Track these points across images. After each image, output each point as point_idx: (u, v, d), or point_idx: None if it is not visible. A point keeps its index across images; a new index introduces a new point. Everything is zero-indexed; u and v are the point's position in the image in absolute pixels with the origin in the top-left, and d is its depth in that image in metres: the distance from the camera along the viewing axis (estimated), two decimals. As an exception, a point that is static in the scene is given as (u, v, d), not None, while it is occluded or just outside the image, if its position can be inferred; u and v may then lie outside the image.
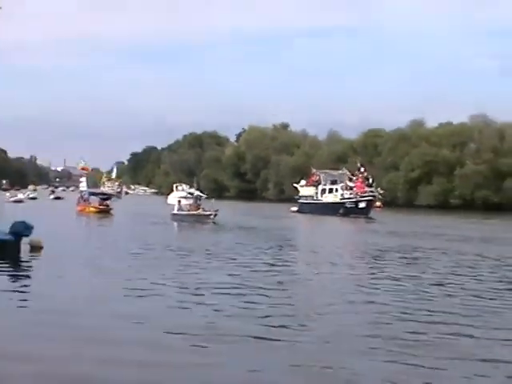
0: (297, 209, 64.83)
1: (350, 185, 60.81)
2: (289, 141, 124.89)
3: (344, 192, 60.55)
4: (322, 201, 62.75)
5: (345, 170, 65.87)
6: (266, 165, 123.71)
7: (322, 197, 63.35)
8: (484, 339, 10.40)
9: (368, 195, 58.97)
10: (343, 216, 55.30)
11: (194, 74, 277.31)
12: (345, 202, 58.93)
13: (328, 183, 63.99)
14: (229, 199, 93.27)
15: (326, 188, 63.35)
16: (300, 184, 69.61)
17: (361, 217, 54.22)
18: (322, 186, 63.99)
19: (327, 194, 62.90)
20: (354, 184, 60.46)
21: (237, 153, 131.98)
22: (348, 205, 58.21)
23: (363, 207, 57.52)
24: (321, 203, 62.33)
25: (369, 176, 62.13)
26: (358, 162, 63.61)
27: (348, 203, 58.48)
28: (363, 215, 55.31)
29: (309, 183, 67.51)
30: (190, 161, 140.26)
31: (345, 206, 58.09)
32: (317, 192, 64.30)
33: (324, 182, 64.54)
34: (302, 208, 63.58)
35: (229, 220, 42.78)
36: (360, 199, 58.25)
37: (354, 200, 58.44)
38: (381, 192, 63.22)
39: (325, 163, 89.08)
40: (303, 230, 43.46)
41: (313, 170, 69.43)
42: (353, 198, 58.86)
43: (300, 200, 66.87)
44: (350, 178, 62.24)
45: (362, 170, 61.70)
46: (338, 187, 61.71)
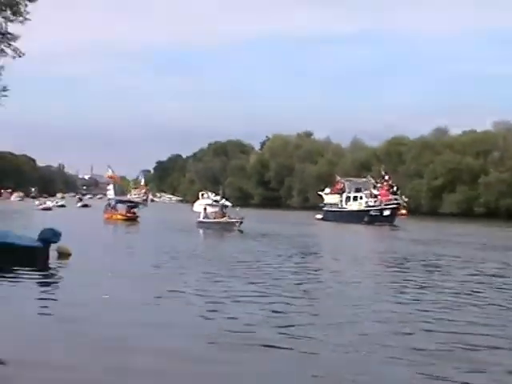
0: (321, 216, 65.01)
1: (375, 193, 60.89)
2: (312, 149, 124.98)
3: (368, 200, 60.65)
4: (347, 209, 62.90)
5: (369, 178, 65.85)
6: (290, 173, 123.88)
7: (347, 205, 63.49)
8: (508, 350, 10.35)
9: (393, 203, 59.01)
10: (368, 224, 55.38)
11: (219, 82, 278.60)
12: (369, 210, 59.07)
13: (352, 191, 64.12)
14: (253, 207, 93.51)
15: (351, 196, 63.50)
16: (324, 192, 69.77)
17: (385, 224, 54.27)
18: (347, 194, 64.13)
19: (352, 202, 63.03)
20: (379, 192, 60.50)
21: (261, 161, 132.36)
22: (373, 213, 58.35)
23: (388, 215, 57.61)
24: (345, 211, 62.46)
25: (393, 184, 62.27)
26: (382, 170, 63.63)
27: (373, 211, 58.63)
28: (388, 223, 55.38)
29: (333, 191, 67.62)
30: (215, 169, 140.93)
31: (369, 214, 58.23)
32: (341, 200, 64.47)
33: (348, 190, 64.66)
34: (327, 216, 63.76)
35: (254, 228, 43.05)
36: (385, 207, 58.33)
37: (379, 208, 58.55)
38: (405, 200, 63.29)
39: (348, 171, 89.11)
40: (328, 238, 43.56)
41: (337, 178, 69.57)
42: (377, 206, 58.95)
43: (325, 208, 67.05)
44: (375, 186, 62.30)
45: (387, 178, 61.78)
46: (363, 195, 61.81)
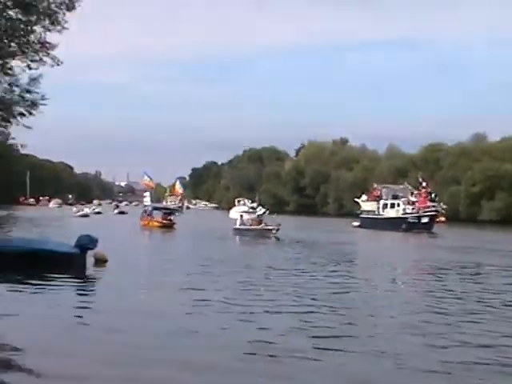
0: (358, 224, 64.45)
1: (413, 199, 60.26)
2: (348, 156, 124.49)
3: (406, 207, 60.05)
4: (384, 216, 62.39)
5: (406, 185, 65.23)
6: (326, 180, 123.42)
7: (384, 212, 62.93)
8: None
9: (431, 210, 58.31)
10: (405, 231, 54.73)
11: (254, 90, 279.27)
12: (407, 217, 58.45)
13: (390, 198, 63.52)
14: (288, 214, 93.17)
15: (388, 203, 62.92)
16: (361, 199, 69.31)
17: (423, 232, 53.58)
18: (384, 201, 63.57)
19: (389, 209, 62.43)
20: (417, 199, 59.86)
21: (296, 168, 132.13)
22: (410, 220, 57.71)
23: (426, 222, 56.92)
24: (383, 218, 61.93)
25: (431, 190, 61.57)
26: (420, 177, 62.93)
27: (410, 218, 58.00)
28: (426, 230, 54.67)
29: (370, 198, 67.13)
30: (250, 176, 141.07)
31: (407, 221, 57.59)
32: (378, 207, 63.96)
33: (386, 197, 64.09)
34: (364, 223, 63.18)
35: (291, 235, 42.83)
36: (423, 214, 57.66)
37: (417, 215, 57.91)
38: (444, 207, 62.50)
39: (384, 178, 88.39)
40: (364, 246, 43.15)
41: (374, 185, 69.05)
42: (415, 213, 58.33)
43: (362, 215, 66.55)
44: (412, 193, 61.68)
45: (425, 185, 61.08)
46: (400, 202, 61.20)
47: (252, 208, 51.92)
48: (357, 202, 70.66)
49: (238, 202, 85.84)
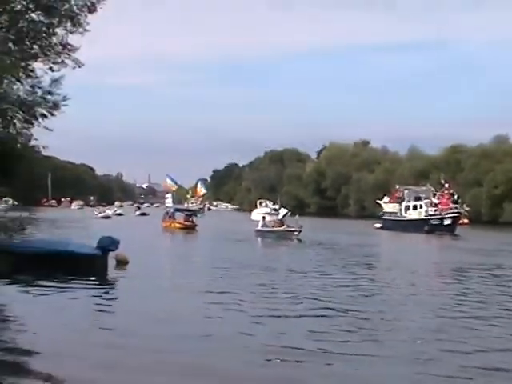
0: (380, 225, 64.09)
1: (435, 201, 59.76)
2: (369, 157, 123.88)
3: (429, 209, 59.56)
4: (406, 217, 61.91)
5: (429, 187, 64.68)
6: (347, 181, 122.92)
7: (406, 213, 62.48)
8: None
9: (453, 212, 57.82)
10: (428, 233, 54.27)
11: (274, 90, 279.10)
12: (430, 219, 57.96)
13: (412, 200, 63.01)
14: (309, 216, 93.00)
15: (410, 205, 62.44)
16: (383, 200, 68.94)
17: (446, 234, 53.10)
18: (406, 203, 63.12)
19: (411, 211, 61.96)
20: (439, 200, 59.38)
21: (317, 169, 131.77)
22: (433, 222, 57.20)
23: (449, 224, 56.33)
24: (405, 220, 61.47)
25: (454, 192, 61.04)
26: (442, 179, 62.39)
27: (433, 220, 57.51)
28: (449, 232, 54.14)
29: (392, 200, 66.74)
30: (271, 177, 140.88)
31: (430, 223, 57.08)
32: (401, 208, 63.56)
33: (408, 199, 63.62)
34: (386, 225, 62.75)
35: (313, 236, 42.64)
36: (445, 216, 57.14)
37: (439, 217, 57.38)
38: (466, 209, 61.95)
39: (406, 179, 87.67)
40: (387, 247, 42.97)
41: (396, 187, 68.63)
42: (438, 215, 57.82)
43: (384, 216, 66.15)
44: (435, 194, 61.17)
45: (447, 186, 60.59)
46: (423, 204, 60.69)
47: (274, 210, 51.89)
48: (379, 204, 70.30)
49: (260, 204, 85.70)
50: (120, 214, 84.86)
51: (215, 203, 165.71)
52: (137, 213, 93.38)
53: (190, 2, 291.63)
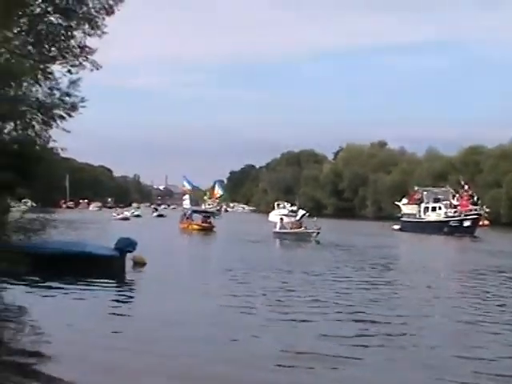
0: (399, 227, 63.72)
1: (455, 203, 59.35)
2: (387, 158, 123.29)
3: (448, 210, 59.14)
4: (425, 219, 61.49)
5: (448, 188, 64.32)
6: (364, 182, 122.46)
7: (425, 215, 62.10)
8: None
9: (473, 213, 57.39)
10: (447, 235, 53.89)
11: (291, 92, 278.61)
12: (449, 221, 57.55)
13: (431, 201, 62.63)
14: (326, 217, 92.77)
15: (429, 206, 62.06)
16: (402, 202, 68.57)
17: (466, 236, 52.68)
18: (425, 204, 62.73)
19: (430, 213, 61.57)
20: (459, 202, 58.98)
21: (334, 171, 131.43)
22: (452, 223, 56.79)
23: (468, 226, 55.93)
24: (424, 221, 61.05)
25: (473, 194, 60.57)
26: (462, 180, 61.93)
27: (452, 222, 57.11)
28: (468, 234, 53.75)
29: (411, 201, 66.37)
30: (288, 179, 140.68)
31: (449, 225, 56.70)
32: (419, 210, 63.17)
33: (427, 200, 63.24)
34: (405, 226, 62.38)
35: (330, 238, 42.40)
36: (465, 217, 56.75)
37: (459, 218, 56.99)
38: (486, 210, 61.46)
39: (424, 181, 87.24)
40: (406, 249, 42.63)
41: (415, 188, 68.23)
42: (457, 217, 57.41)
43: (402, 218, 65.76)
44: (454, 196, 60.75)
45: (467, 188, 60.14)
46: (442, 205, 60.30)
47: (292, 211, 51.67)
48: (397, 205, 69.92)
49: (278, 206, 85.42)
50: (138, 216, 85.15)
51: (232, 205, 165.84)
52: (154, 214, 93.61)
53: (199, 2, 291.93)
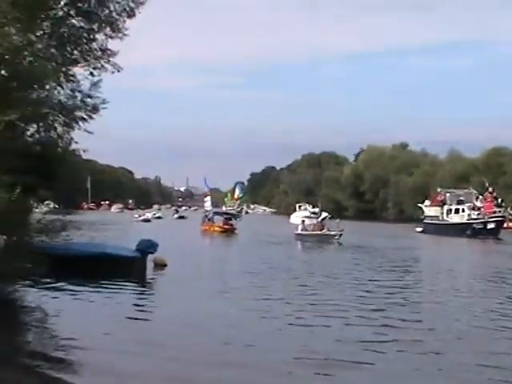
0: (421, 229, 63.11)
1: (478, 205, 58.75)
2: (408, 160, 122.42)
3: (471, 212, 58.52)
4: (448, 221, 60.90)
5: (471, 190, 63.66)
6: (385, 184, 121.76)
7: (448, 217, 61.48)
8: None
9: (497, 215, 56.75)
10: (471, 237, 53.25)
11: (311, 94, 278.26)
12: (472, 223, 56.92)
13: (454, 203, 61.95)
14: (347, 219, 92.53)
15: (452, 208, 61.40)
16: (424, 204, 68.02)
17: (489, 238, 52.01)
18: (448, 206, 62.10)
19: (453, 215, 60.95)
20: (483, 204, 58.37)
21: (355, 172, 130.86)
22: (476, 226, 56.17)
23: (492, 228, 55.29)
24: (447, 224, 60.40)
25: (497, 195, 59.91)
26: (486, 182, 61.29)
27: (476, 224, 56.48)
28: (492, 236, 53.07)
29: (434, 203, 65.81)
30: (309, 181, 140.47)
31: (472, 227, 56.09)
32: (442, 212, 62.54)
33: (450, 202, 62.57)
34: (427, 228, 61.72)
35: (352, 240, 42.14)
36: (489, 220, 56.11)
37: (483, 220, 56.35)
38: (510, 212, 60.84)
39: (446, 183, 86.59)
40: (429, 252, 42.25)
41: (438, 190, 67.64)
42: (481, 219, 56.77)
43: (425, 220, 65.20)
44: (478, 198, 60.12)
45: (491, 190, 59.49)
46: (465, 207, 59.64)
47: (314, 213, 51.38)
48: (420, 207, 69.33)
49: (299, 208, 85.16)
50: (159, 218, 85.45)
51: (252, 206, 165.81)
52: (175, 216, 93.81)
53: (224, 4, 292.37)
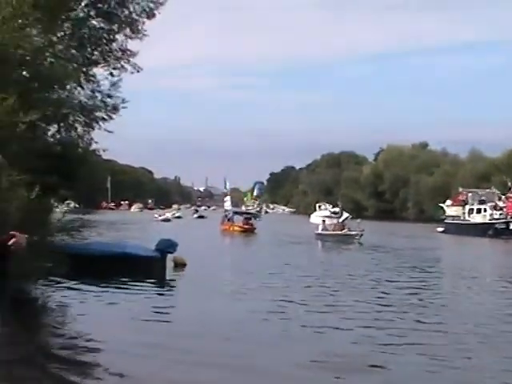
0: (443, 229, 62.54)
1: (501, 205, 58.15)
2: (428, 160, 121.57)
3: (493, 212, 57.93)
4: (470, 221, 60.40)
5: (493, 189, 63.10)
6: (405, 184, 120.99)
7: (470, 217, 61.00)
8: None
9: (520, 216, 56.21)
10: (492, 237, 52.70)
11: (331, 94, 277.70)
12: (494, 223, 56.33)
13: (476, 203, 61.49)
14: (367, 219, 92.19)
15: (474, 208, 60.95)
16: (446, 204, 67.52)
17: (512, 238, 51.70)
18: (470, 206, 61.67)
19: (475, 215, 60.44)
20: (505, 204, 57.77)
21: (375, 172, 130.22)
22: (498, 226, 55.56)
23: (515, 228, 54.81)
24: (469, 224, 59.89)
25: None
26: (509, 182, 60.59)
27: (498, 224, 55.88)
28: (515, 236, 52.64)
29: (455, 203, 65.30)
30: (328, 180, 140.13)
31: (495, 227, 55.48)
32: (464, 212, 62.08)
33: (472, 202, 62.15)
34: (449, 228, 61.20)
35: (374, 240, 41.88)
36: (511, 220, 55.55)
37: (505, 220, 55.76)
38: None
39: (467, 182, 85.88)
40: (451, 253, 41.85)
41: (460, 189, 67.14)
42: (503, 219, 56.18)
43: (446, 220, 64.70)
44: (500, 198, 59.55)
45: (514, 190, 59.00)
46: (487, 207, 59.12)
47: (334, 213, 51.13)
48: (441, 207, 68.84)
49: (319, 207, 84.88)
50: (179, 217, 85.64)
51: (272, 206, 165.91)
52: (194, 216, 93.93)
53: (246, 4, 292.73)
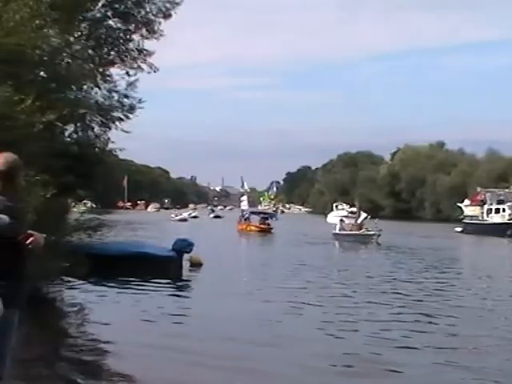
0: (461, 229, 61.92)
1: (520, 204, 57.69)
2: (445, 159, 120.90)
3: (512, 212, 57.52)
4: (488, 221, 59.87)
5: (512, 189, 62.74)
6: (422, 184, 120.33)
7: (488, 217, 60.49)
8: None
9: (539, 216, 55.70)
10: (511, 237, 52.23)
11: (347, 93, 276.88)
12: (513, 223, 55.91)
13: (494, 203, 60.97)
14: (384, 218, 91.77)
15: (493, 208, 60.43)
16: (464, 203, 67.05)
17: (531, 239, 51.10)
18: (488, 206, 61.16)
19: (493, 214, 59.93)
20: (524, 204, 57.36)
21: (391, 172, 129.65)
22: (517, 226, 55.16)
23: (534, 228, 54.24)
24: (487, 224, 59.34)
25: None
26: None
27: (517, 224, 55.45)
28: (534, 237, 52.11)
29: (473, 203, 64.82)
30: (344, 180, 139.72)
31: (513, 227, 55.07)
32: (482, 212, 61.61)
33: (490, 202, 61.62)
34: (467, 228, 60.57)
35: (392, 240, 41.49)
36: (530, 220, 55.14)
37: (524, 220, 55.36)
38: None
39: (484, 182, 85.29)
40: (468, 252, 41.58)
41: (478, 189, 66.64)
42: (522, 219, 55.79)
43: (464, 220, 64.22)
44: (519, 197, 59.12)
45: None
46: (506, 207, 58.58)
47: (352, 213, 50.84)
48: (459, 207, 68.37)
49: (336, 207, 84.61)
50: (195, 217, 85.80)
51: (288, 206, 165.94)
52: (211, 215, 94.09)
53: (262, 5, 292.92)
